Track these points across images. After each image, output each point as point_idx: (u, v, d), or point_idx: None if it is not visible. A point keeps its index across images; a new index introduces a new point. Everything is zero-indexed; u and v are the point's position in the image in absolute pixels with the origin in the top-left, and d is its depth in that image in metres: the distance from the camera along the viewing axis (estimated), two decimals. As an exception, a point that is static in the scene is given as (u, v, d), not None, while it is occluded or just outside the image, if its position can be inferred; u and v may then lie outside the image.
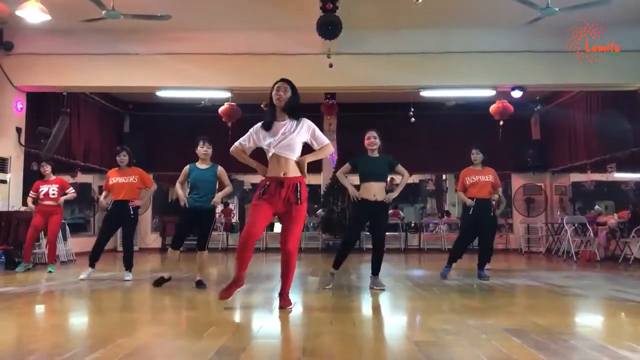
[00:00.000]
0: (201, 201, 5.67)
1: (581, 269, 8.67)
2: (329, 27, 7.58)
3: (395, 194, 5.71)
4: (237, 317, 4.25)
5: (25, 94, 9.67)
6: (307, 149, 4.32)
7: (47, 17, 6.98)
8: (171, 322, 3.93)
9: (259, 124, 4.31)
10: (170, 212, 14.75)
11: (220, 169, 5.84)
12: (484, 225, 6.70)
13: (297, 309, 4.40)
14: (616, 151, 10.09)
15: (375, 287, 5.49)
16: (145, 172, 6.80)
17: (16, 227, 8.22)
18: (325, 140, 4.31)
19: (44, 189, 7.64)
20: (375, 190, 5.47)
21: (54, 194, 7.63)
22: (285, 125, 4.18)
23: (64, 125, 9.95)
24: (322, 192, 13.65)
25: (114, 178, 6.54)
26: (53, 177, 7.84)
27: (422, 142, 13.16)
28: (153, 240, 13.89)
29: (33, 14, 6.90)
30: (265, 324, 3.75)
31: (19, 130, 9.45)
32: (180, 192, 5.78)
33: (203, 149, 5.80)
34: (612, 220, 10.49)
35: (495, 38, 9.17)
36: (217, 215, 5.80)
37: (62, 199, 7.75)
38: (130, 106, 13.85)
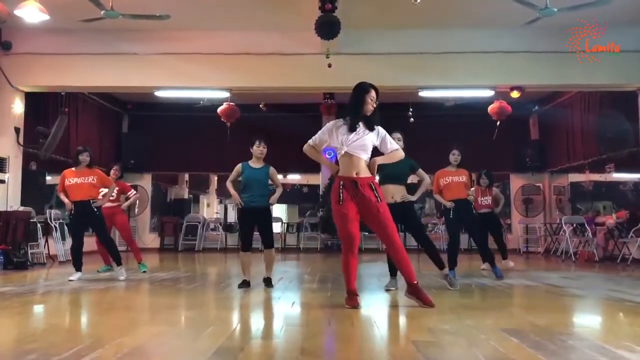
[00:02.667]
0: (257, 201, 5.60)
1: (579, 269, 8.67)
2: (327, 27, 7.58)
3: (414, 198, 5.68)
4: (236, 316, 4.25)
5: (24, 94, 9.66)
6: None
7: (46, 17, 6.97)
8: (170, 321, 3.93)
9: (334, 122, 4.39)
10: (169, 212, 14.77)
11: (272, 169, 5.78)
12: (469, 225, 6.68)
13: (295, 308, 4.40)
14: (614, 151, 10.10)
15: (449, 287, 5.49)
16: (103, 173, 6.71)
17: (14, 227, 8.21)
18: (395, 145, 4.46)
19: (103, 190, 7.56)
20: (392, 192, 5.43)
21: (113, 196, 7.52)
22: (361, 126, 4.28)
23: (63, 125, 9.94)
24: (320, 193, 13.65)
25: (71, 179, 6.39)
26: (117, 180, 7.68)
27: (420, 142, 13.10)
28: (151, 240, 13.87)
29: (32, 13, 6.89)
30: (264, 324, 3.75)
31: (17, 130, 9.44)
32: (233, 191, 5.69)
33: (259, 148, 5.72)
34: (611, 220, 10.50)
35: (494, 38, 9.18)
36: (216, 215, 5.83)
37: (125, 205, 7.75)
38: (129, 106, 13.84)
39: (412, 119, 12.11)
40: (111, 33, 8.92)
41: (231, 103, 10.63)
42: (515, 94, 9.84)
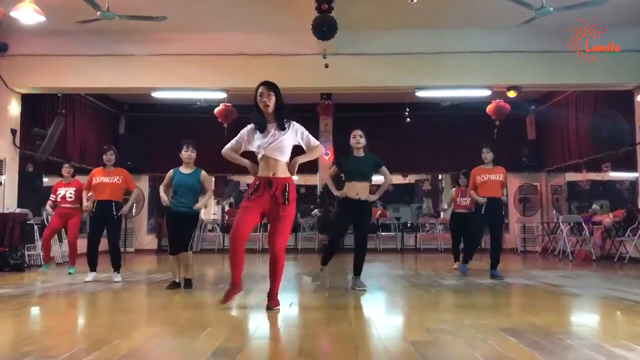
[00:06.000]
0: (185, 206, 5.65)
1: (577, 268, 8.69)
2: (324, 27, 7.58)
3: (375, 197, 5.70)
4: (233, 317, 4.25)
5: (20, 96, 9.63)
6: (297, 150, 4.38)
7: (42, 18, 6.95)
8: (167, 323, 3.92)
9: (250, 126, 4.36)
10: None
11: (203, 173, 5.80)
12: (494, 225, 6.74)
13: (293, 309, 4.40)
14: (611, 150, 10.13)
15: (356, 288, 5.46)
16: (129, 174, 6.75)
17: (11, 229, 8.18)
18: (315, 142, 4.38)
19: (61, 191, 7.63)
20: (358, 189, 5.47)
21: (70, 197, 7.59)
22: (274, 127, 4.24)
23: (59, 127, 9.91)
24: (318, 193, 13.65)
25: (99, 177, 6.48)
26: (72, 180, 7.80)
27: (417, 142, 13.19)
28: (149, 241, 13.85)
29: (27, 15, 6.87)
30: (262, 325, 3.75)
31: (13, 131, 9.41)
32: (163, 194, 5.79)
33: (187, 153, 5.77)
34: (608, 219, 10.52)
35: (491, 38, 9.19)
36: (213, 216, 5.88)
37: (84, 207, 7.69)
38: (126, 107, 13.81)
39: (408, 119, 12.14)
40: (107, 34, 8.91)
41: (228, 104, 10.62)
42: (511, 94, 9.85)
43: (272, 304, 4.22)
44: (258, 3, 8.26)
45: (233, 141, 4.42)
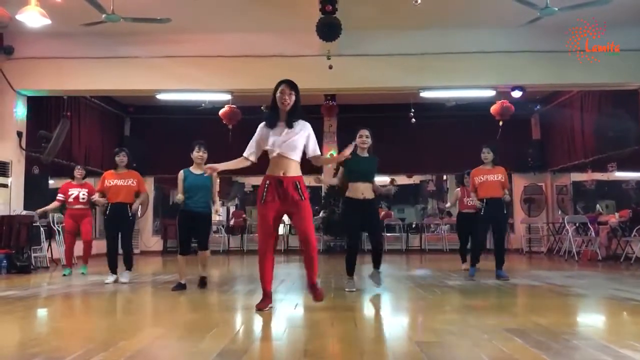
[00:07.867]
0: (198, 206, 5.73)
1: (582, 268, 8.65)
2: (328, 28, 7.60)
3: (392, 191, 5.74)
4: (239, 318, 4.25)
5: (26, 98, 9.68)
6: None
7: (47, 21, 6.98)
8: (173, 324, 3.93)
9: (262, 124, 4.33)
10: (172, 215, 14.78)
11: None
12: (497, 224, 6.72)
13: (298, 310, 4.40)
14: (616, 150, 10.09)
15: (372, 279, 5.56)
16: (141, 177, 6.81)
17: (17, 231, 8.23)
18: (318, 152, 4.39)
19: (74, 192, 7.69)
20: (363, 190, 5.47)
21: (84, 198, 7.70)
22: (284, 125, 4.23)
23: (65, 129, 9.96)
24: (322, 194, 13.65)
25: (111, 180, 6.51)
26: (84, 182, 7.94)
27: (422, 142, 13.18)
28: (154, 243, 13.89)
29: (33, 18, 6.91)
30: (267, 326, 3.75)
31: (19, 134, 9.46)
32: (181, 195, 5.82)
33: (199, 154, 5.82)
34: (614, 219, 10.48)
35: (495, 38, 9.17)
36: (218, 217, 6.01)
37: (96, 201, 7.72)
38: (131, 109, 13.86)
39: (413, 120, 12.13)
40: (112, 37, 8.94)
41: (233, 105, 10.64)
42: (516, 94, 9.83)
43: (317, 295, 4.22)
44: (262, 4, 8.28)
45: (253, 144, 4.29)
